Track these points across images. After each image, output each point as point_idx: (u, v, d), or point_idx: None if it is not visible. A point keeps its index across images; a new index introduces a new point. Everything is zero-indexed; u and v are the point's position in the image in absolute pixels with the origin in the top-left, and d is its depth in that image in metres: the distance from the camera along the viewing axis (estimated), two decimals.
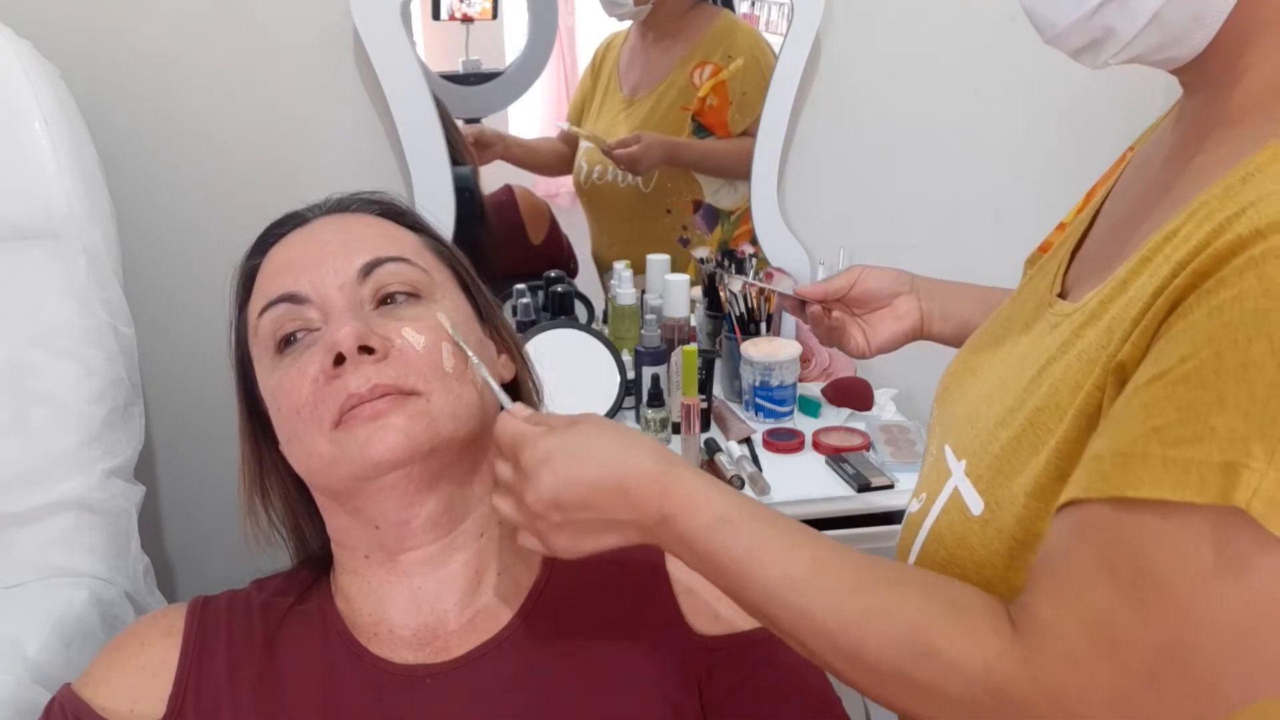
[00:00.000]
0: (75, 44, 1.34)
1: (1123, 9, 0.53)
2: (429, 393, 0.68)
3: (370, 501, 0.70)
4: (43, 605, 1.05)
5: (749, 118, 1.57)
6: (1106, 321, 0.54)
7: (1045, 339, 0.62)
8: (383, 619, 0.73)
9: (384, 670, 0.70)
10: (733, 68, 1.56)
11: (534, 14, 1.56)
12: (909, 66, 1.59)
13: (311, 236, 0.75)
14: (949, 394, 0.74)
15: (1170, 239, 0.52)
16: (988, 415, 0.63)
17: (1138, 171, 0.68)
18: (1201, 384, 0.45)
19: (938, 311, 0.90)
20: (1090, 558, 0.48)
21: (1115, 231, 0.64)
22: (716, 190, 1.65)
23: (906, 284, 0.91)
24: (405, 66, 1.41)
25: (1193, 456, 0.44)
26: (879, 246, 1.63)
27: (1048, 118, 1.66)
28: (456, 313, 0.73)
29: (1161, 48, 0.55)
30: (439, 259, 0.77)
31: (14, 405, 1.14)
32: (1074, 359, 0.56)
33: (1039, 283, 0.71)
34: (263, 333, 0.71)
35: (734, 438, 1.37)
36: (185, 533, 1.63)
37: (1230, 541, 0.44)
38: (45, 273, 1.19)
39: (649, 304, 1.54)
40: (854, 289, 0.90)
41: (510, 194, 1.61)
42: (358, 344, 0.66)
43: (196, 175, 1.45)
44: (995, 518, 0.58)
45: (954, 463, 0.64)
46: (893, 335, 0.90)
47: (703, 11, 1.59)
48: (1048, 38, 0.58)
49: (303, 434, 0.68)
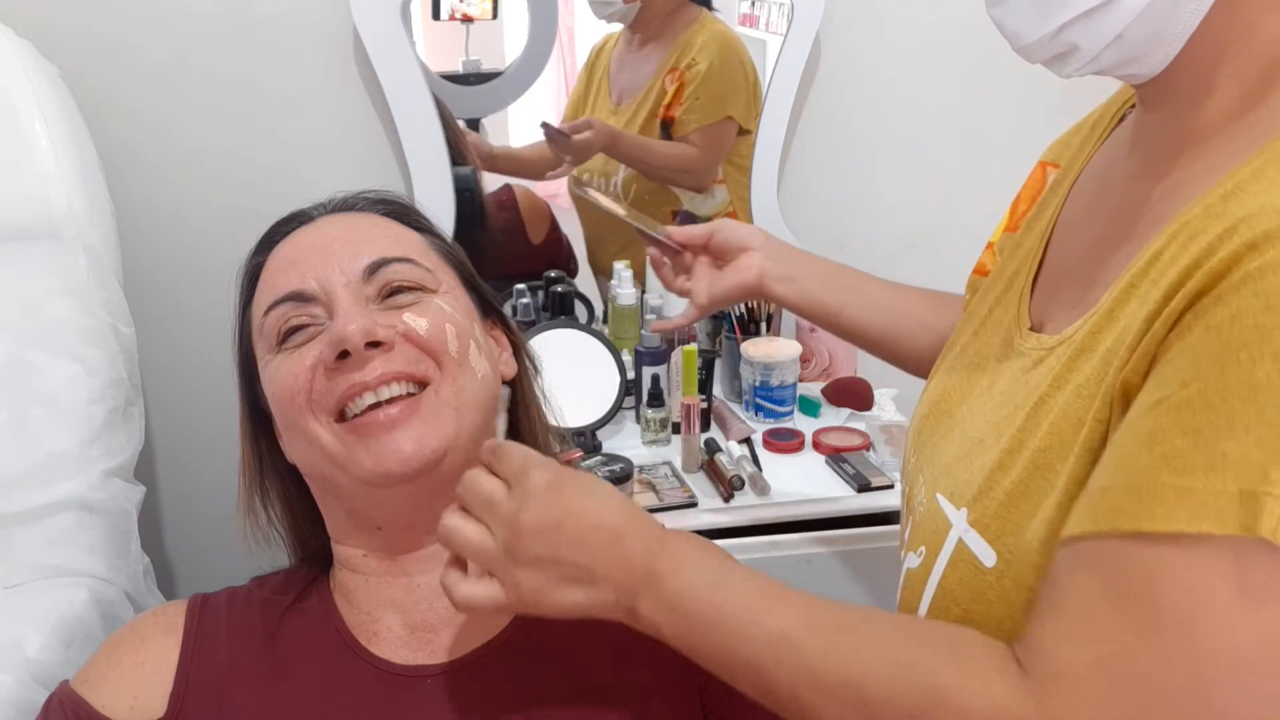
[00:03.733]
0: (75, 44, 1.34)
1: (1086, 29, 0.54)
2: (437, 381, 0.68)
3: (378, 509, 0.70)
4: (43, 605, 1.05)
5: (693, 123, 1.55)
6: (1101, 353, 0.53)
7: (1030, 375, 0.60)
8: (381, 618, 0.72)
9: (383, 670, 0.70)
10: (692, 72, 1.54)
11: (534, 14, 1.56)
12: (908, 66, 1.59)
13: (317, 235, 0.75)
14: (927, 438, 0.71)
15: (1154, 262, 0.51)
16: (981, 459, 0.61)
17: (1093, 195, 0.67)
18: (1208, 407, 0.44)
19: (778, 273, 0.91)
20: (1102, 594, 0.46)
21: (1085, 257, 0.63)
22: (692, 198, 1.63)
23: (758, 241, 0.92)
24: (405, 66, 1.41)
25: (1207, 485, 0.43)
26: (878, 246, 1.64)
27: (1047, 118, 1.64)
28: (462, 310, 0.73)
29: (1124, 64, 0.56)
30: (443, 258, 0.78)
31: (14, 405, 1.14)
32: (1072, 394, 0.54)
33: (1000, 316, 0.69)
34: (267, 330, 0.72)
35: (734, 438, 1.37)
36: (185, 533, 1.63)
37: (1251, 572, 0.43)
38: (45, 273, 1.19)
39: (649, 304, 1.54)
40: (712, 239, 0.93)
41: (510, 194, 1.61)
42: (365, 340, 0.66)
43: (196, 175, 1.45)
44: (1010, 569, 0.56)
45: (952, 512, 0.62)
46: (730, 287, 0.92)
47: (684, 14, 1.57)
48: (1015, 48, 0.59)
49: (299, 421, 0.68)
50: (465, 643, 0.71)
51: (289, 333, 0.70)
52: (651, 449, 1.37)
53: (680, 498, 1.22)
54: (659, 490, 1.24)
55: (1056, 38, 0.55)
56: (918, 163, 1.64)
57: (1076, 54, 0.56)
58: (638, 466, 1.25)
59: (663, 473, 1.28)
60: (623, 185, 1.61)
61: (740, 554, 1.14)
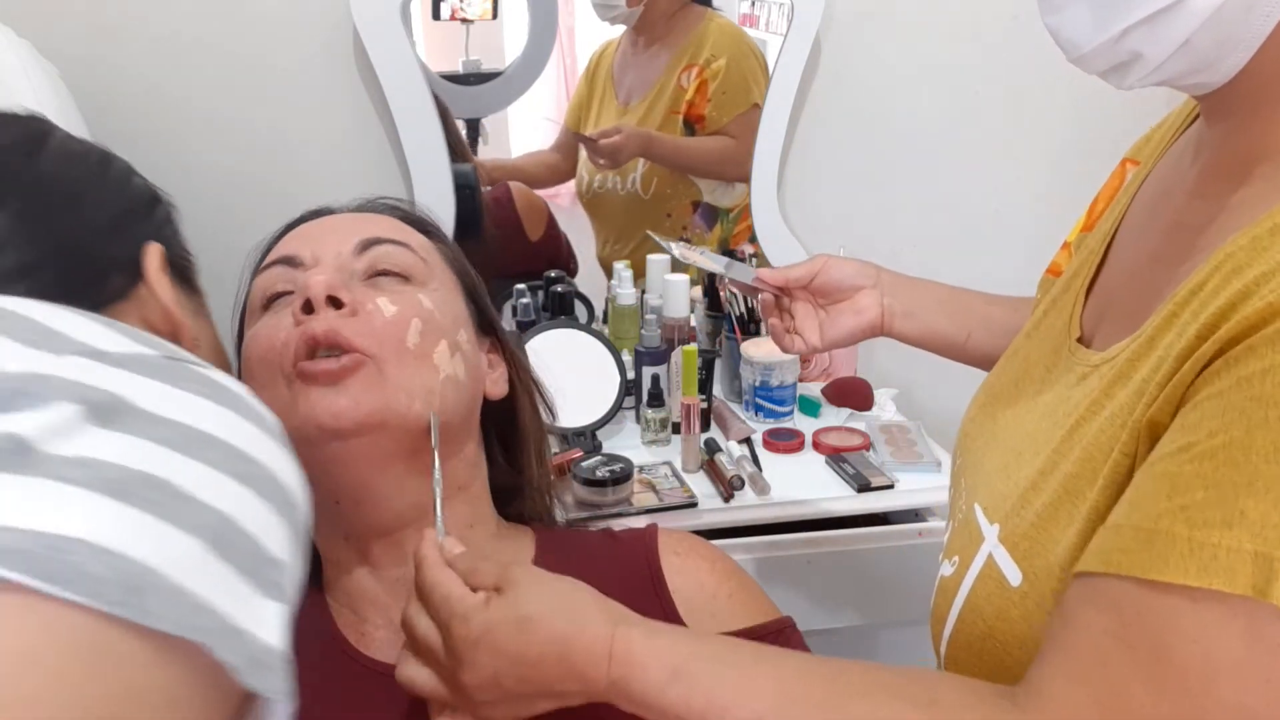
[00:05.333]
0: (75, 44, 1.34)
1: (1151, 34, 0.50)
2: (383, 360, 0.67)
3: (324, 474, 0.67)
4: None
5: (726, 116, 1.58)
6: (1136, 383, 0.52)
7: (1073, 392, 0.59)
8: (368, 618, 0.73)
9: (373, 670, 0.70)
10: (714, 67, 1.57)
11: (534, 14, 1.56)
12: (909, 66, 1.59)
13: (327, 221, 0.77)
14: (973, 443, 0.71)
15: (1196, 293, 0.50)
16: (1018, 475, 0.60)
17: (1155, 203, 0.65)
18: (1230, 462, 0.43)
19: (900, 309, 0.85)
20: (1108, 634, 0.46)
21: (1138, 274, 0.62)
22: (713, 189, 1.65)
23: (871, 277, 0.86)
24: (405, 66, 1.41)
25: (1221, 541, 0.43)
26: (878, 246, 1.63)
27: (1048, 117, 1.66)
28: (448, 312, 0.73)
29: (1190, 73, 0.52)
30: (446, 263, 0.78)
31: None
32: (1105, 421, 0.54)
33: (1054, 320, 0.68)
34: (254, 293, 0.73)
35: (734, 438, 1.37)
36: None
37: (1259, 633, 0.42)
38: None
39: (649, 304, 1.54)
40: (816, 279, 0.86)
41: (507, 191, 1.62)
42: (326, 293, 0.66)
43: (196, 175, 1.45)
44: (1034, 590, 0.55)
45: (986, 526, 0.61)
46: (849, 331, 0.85)
47: (689, 13, 1.59)
48: (1071, 58, 0.56)
49: (266, 381, 0.68)
50: None
51: (274, 297, 0.71)
52: (651, 449, 1.37)
53: (680, 498, 1.22)
54: (659, 490, 1.24)
55: (1118, 44, 0.52)
56: (918, 162, 1.64)
57: (1139, 63, 0.52)
58: (638, 466, 1.25)
59: (663, 473, 1.28)
60: (642, 180, 1.63)
61: (740, 554, 1.15)
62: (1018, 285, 0.91)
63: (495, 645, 0.55)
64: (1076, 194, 0.86)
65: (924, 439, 1.37)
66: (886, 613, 1.23)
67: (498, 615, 0.56)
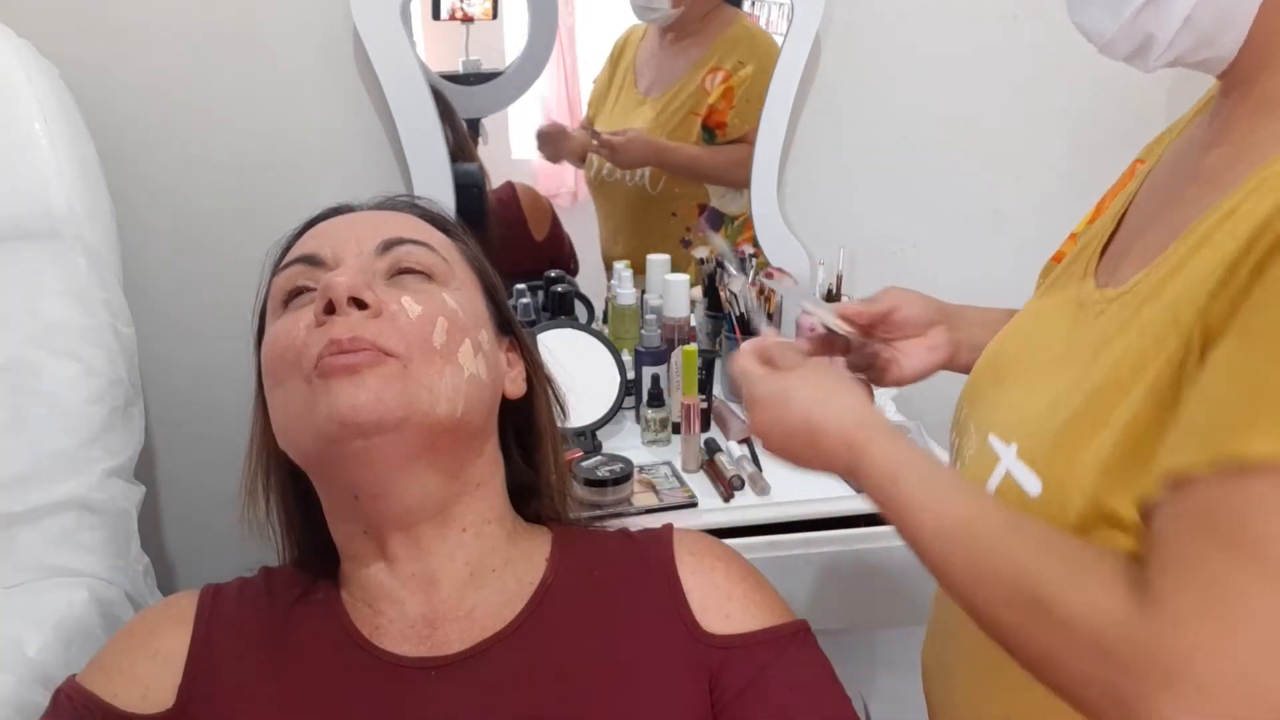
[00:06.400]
0: (75, 44, 1.34)
1: (1156, 14, 0.57)
2: (409, 359, 0.67)
3: (344, 469, 0.68)
4: (43, 605, 1.05)
5: (747, 124, 1.57)
6: (1168, 299, 0.55)
7: (1091, 326, 0.63)
8: (384, 611, 0.72)
9: (387, 663, 0.70)
10: (742, 74, 1.56)
11: (534, 14, 1.56)
12: (909, 66, 1.59)
13: (347, 219, 0.77)
14: (982, 390, 0.74)
15: (1230, 216, 0.53)
16: (1038, 401, 0.63)
17: (1170, 167, 0.68)
18: None
19: (967, 342, 0.86)
20: (1200, 526, 0.47)
21: (1156, 218, 0.64)
22: (722, 195, 1.65)
23: (941, 313, 0.87)
24: (405, 66, 1.41)
25: None
26: (879, 246, 1.64)
27: (1048, 117, 1.66)
28: (470, 311, 0.73)
29: (1197, 49, 0.58)
30: (467, 263, 0.78)
31: (14, 405, 1.14)
32: (1135, 337, 0.56)
33: (1064, 280, 0.71)
34: (275, 291, 0.73)
35: (734, 438, 1.37)
36: (185, 533, 1.63)
37: None
38: (45, 273, 1.19)
39: (649, 304, 1.54)
40: (894, 314, 0.86)
41: (512, 190, 1.62)
42: (349, 294, 0.66)
43: (196, 175, 1.45)
44: (1055, 496, 0.58)
45: (1003, 448, 0.64)
46: (926, 366, 0.86)
47: (721, 14, 1.58)
48: (1100, 46, 0.62)
49: (285, 379, 0.68)
50: (468, 637, 0.71)
51: (294, 294, 0.71)
52: (651, 449, 1.37)
53: (680, 498, 1.22)
54: (659, 490, 1.24)
55: (1133, 26, 0.59)
56: (918, 163, 1.64)
57: (1154, 43, 0.59)
58: (638, 466, 1.25)
59: (663, 473, 1.28)
60: (650, 175, 1.62)
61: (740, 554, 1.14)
62: (1018, 285, 0.91)
63: (760, 411, 0.72)
64: (1077, 194, 0.87)
65: (924, 439, 1.37)
66: (886, 613, 1.23)
67: (765, 389, 0.72)
